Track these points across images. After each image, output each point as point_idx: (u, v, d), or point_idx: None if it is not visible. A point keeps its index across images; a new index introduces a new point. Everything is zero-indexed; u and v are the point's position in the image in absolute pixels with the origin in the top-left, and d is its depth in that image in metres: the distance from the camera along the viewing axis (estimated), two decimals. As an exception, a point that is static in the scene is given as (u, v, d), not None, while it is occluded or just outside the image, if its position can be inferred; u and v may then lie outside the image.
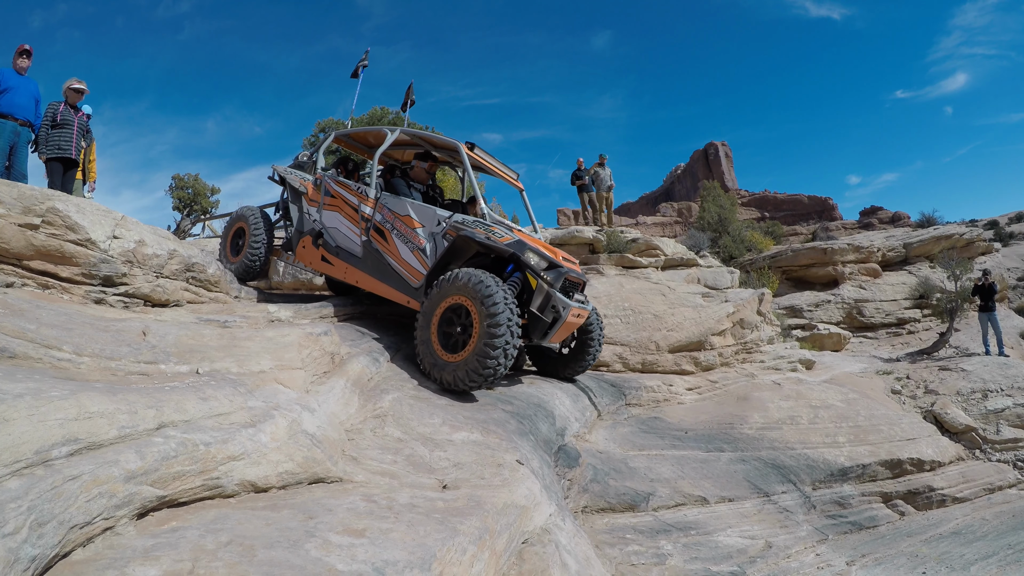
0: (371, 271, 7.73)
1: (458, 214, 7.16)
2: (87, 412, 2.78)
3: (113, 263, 5.27)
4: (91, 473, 2.46)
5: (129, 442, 2.80)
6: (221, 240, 9.33)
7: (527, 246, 6.74)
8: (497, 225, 6.98)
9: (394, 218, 7.60)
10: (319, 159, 9.23)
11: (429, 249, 7.22)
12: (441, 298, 6.42)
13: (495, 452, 4.83)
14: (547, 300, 6.75)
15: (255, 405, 3.60)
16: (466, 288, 6.19)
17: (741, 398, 10.11)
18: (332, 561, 2.53)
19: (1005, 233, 36.51)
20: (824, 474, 8.64)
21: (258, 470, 3.16)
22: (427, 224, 7.32)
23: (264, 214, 9.06)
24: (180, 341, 4.26)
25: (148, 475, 2.68)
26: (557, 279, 6.82)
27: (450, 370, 6.16)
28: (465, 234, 6.85)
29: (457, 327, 6.32)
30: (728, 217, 21.93)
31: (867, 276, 20.21)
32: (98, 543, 2.41)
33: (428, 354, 6.40)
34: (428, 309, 6.52)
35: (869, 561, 7.41)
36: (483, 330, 5.98)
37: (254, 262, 8.61)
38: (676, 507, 7.19)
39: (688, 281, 13.21)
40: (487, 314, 5.96)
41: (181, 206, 21.03)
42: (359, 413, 4.89)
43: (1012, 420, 11.16)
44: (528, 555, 3.89)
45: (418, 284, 7.21)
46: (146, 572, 2.24)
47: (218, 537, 2.56)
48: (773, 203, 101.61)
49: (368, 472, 3.85)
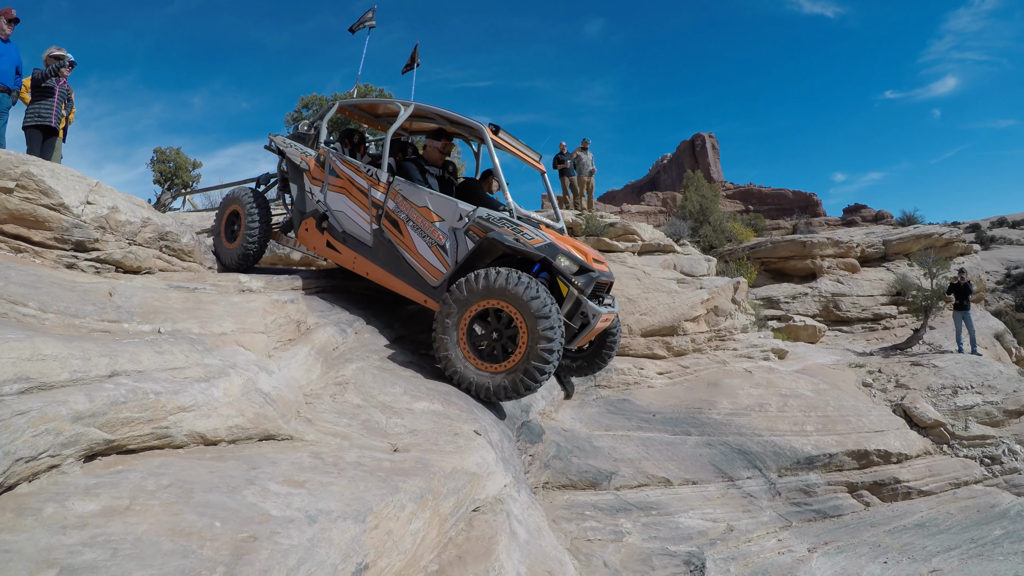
0: (383, 263, 7.20)
1: (481, 208, 6.62)
2: (40, 354, 2.89)
3: (85, 228, 5.32)
4: (39, 410, 2.58)
5: (80, 386, 2.91)
6: (215, 226, 8.74)
7: (559, 250, 6.30)
8: (525, 223, 6.52)
9: (410, 208, 7.03)
10: (322, 131, 8.43)
11: (449, 246, 6.70)
12: (471, 301, 5.99)
13: (453, 422, 4.91)
14: (577, 306, 6.37)
15: (212, 363, 3.71)
16: (505, 292, 5.80)
17: (711, 384, 10.20)
18: (267, 507, 2.65)
19: (986, 237, 36.86)
20: (790, 461, 8.72)
21: (208, 423, 3.26)
22: (447, 218, 6.77)
23: (259, 195, 8.45)
24: (145, 302, 4.35)
25: (96, 418, 2.78)
26: (588, 284, 6.40)
27: (490, 381, 5.89)
28: (493, 237, 6.37)
29: (492, 332, 5.98)
30: (710, 207, 22.05)
31: (845, 271, 20.38)
32: (43, 479, 2.52)
33: (456, 360, 6.02)
34: (453, 311, 6.07)
35: (831, 549, 7.48)
36: (533, 339, 5.67)
37: (252, 247, 8.07)
38: (639, 487, 7.27)
39: (664, 267, 13.28)
40: (538, 323, 5.66)
41: (162, 179, 20.86)
42: (320, 380, 4.97)
43: (981, 417, 11.30)
44: (478, 522, 4.00)
45: (436, 283, 6.75)
46: (85, 506, 2.36)
47: (159, 480, 2.67)
48: (758, 196, 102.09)
49: (320, 433, 3.95)
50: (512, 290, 5.75)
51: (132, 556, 2.13)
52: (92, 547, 2.13)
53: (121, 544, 2.18)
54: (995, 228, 41.19)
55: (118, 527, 2.28)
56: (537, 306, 5.65)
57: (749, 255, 20.57)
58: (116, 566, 2.06)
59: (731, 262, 19.17)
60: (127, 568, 2.06)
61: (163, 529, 2.32)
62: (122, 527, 2.28)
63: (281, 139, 8.72)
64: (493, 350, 5.96)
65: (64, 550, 2.09)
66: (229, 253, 8.21)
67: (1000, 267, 31.11)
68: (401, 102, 7.87)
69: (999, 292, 26.02)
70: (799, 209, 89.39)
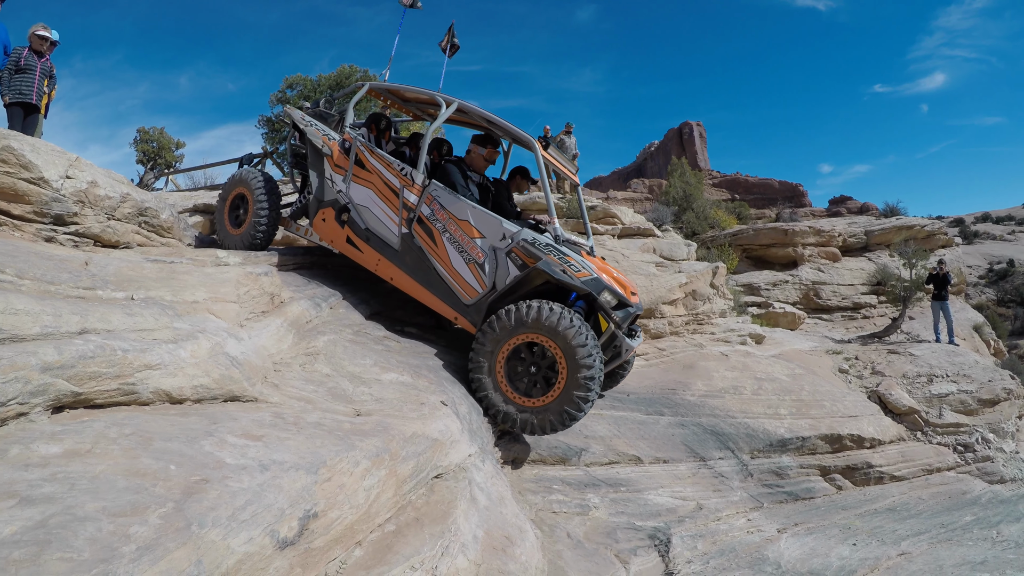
0: (411, 271, 6.83)
1: (526, 231, 6.37)
2: (13, 309, 3.05)
3: (65, 202, 5.43)
4: (9, 359, 2.74)
5: (50, 340, 3.08)
6: (217, 210, 8.17)
7: (604, 284, 6.14)
8: (570, 251, 6.29)
9: (447, 219, 6.63)
10: (348, 115, 7.80)
11: (488, 265, 6.42)
12: (510, 334, 5.90)
13: (421, 393, 5.03)
14: (611, 339, 6.34)
15: (181, 327, 3.86)
16: (544, 327, 5.73)
17: (687, 366, 10.37)
18: (222, 456, 2.82)
19: (970, 231, 37.20)
20: (763, 444, 8.87)
21: (173, 380, 3.42)
22: (489, 236, 6.45)
23: (268, 177, 7.89)
24: (120, 271, 4.48)
25: (64, 370, 2.95)
26: (625, 319, 6.36)
27: (529, 415, 5.90)
28: (541, 267, 6.13)
29: (531, 366, 5.93)
30: (693, 193, 22.19)
31: (826, 259, 20.57)
32: (11, 426, 2.69)
33: (494, 393, 6.01)
34: (491, 342, 5.99)
35: (801, 530, 7.56)
36: (573, 377, 5.66)
37: (260, 235, 7.61)
38: (609, 464, 7.35)
39: (643, 250, 13.39)
40: (579, 362, 5.63)
41: (145, 159, 20.86)
42: (292, 350, 5.10)
43: (955, 405, 11.44)
44: (439, 488, 4.17)
45: (470, 301, 6.51)
46: (49, 449, 2.53)
47: (122, 429, 2.84)
48: (744, 186, 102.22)
49: (285, 397, 4.10)
50: (555, 328, 5.68)
51: (88, 491, 2.30)
52: (52, 482, 2.30)
53: (79, 481, 2.35)
54: (979, 223, 41.54)
55: (78, 467, 2.45)
56: (573, 335, 5.62)
57: (731, 242, 20.71)
58: (71, 498, 2.23)
59: (713, 248, 19.34)
60: (81, 500, 2.23)
61: (120, 470, 2.49)
62: (81, 467, 2.45)
63: (300, 115, 8.04)
64: (535, 384, 5.92)
65: (25, 484, 2.26)
66: (234, 240, 7.74)
67: (983, 261, 31.38)
68: (443, 97, 7.31)
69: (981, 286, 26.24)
70: (785, 199, 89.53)
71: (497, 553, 4.09)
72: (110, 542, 2.07)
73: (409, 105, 8.67)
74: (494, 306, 6.37)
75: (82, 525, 2.11)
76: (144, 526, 2.18)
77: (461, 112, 7.36)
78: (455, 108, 7.16)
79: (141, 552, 2.07)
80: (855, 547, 7.28)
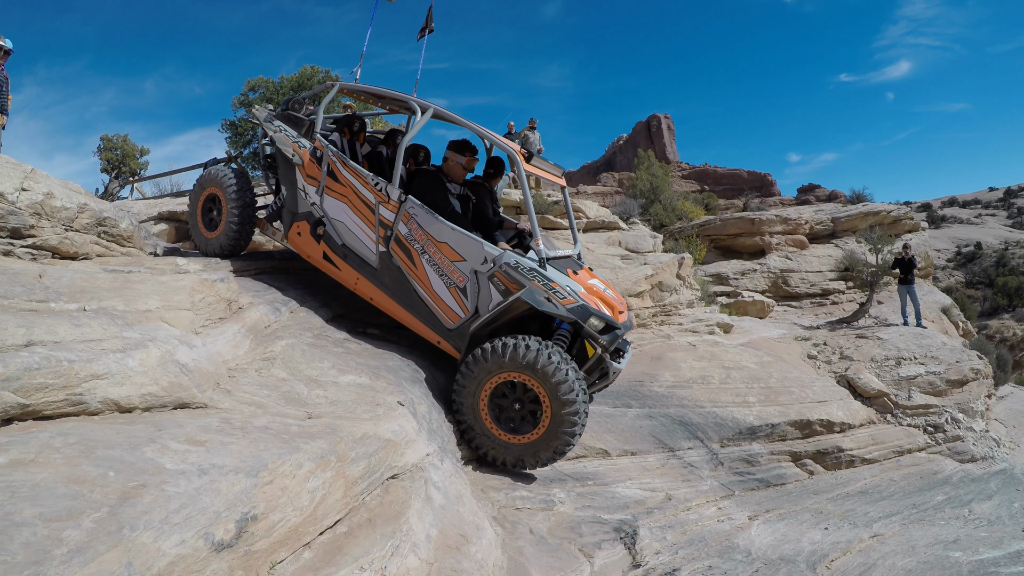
0: (391, 292, 6.62)
1: (509, 254, 6.16)
2: (-44, 324, 3.11)
3: (21, 215, 5.44)
4: (-48, 375, 2.81)
5: (-6, 353, 3.14)
6: (190, 213, 7.85)
7: (590, 312, 6.00)
8: (556, 274, 6.14)
9: (426, 240, 6.38)
10: (318, 120, 7.27)
11: (471, 290, 6.23)
12: (489, 373, 5.82)
13: (378, 394, 5.10)
14: (598, 363, 6.30)
15: (130, 336, 3.93)
16: (522, 365, 5.66)
17: (655, 358, 10.43)
18: (163, 462, 2.92)
19: (938, 216, 37.74)
20: (733, 432, 8.94)
21: (121, 390, 3.50)
22: (470, 259, 6.24)
23: (241, 174, 7.56)
24: (73, 283, 4.53)
25: (10, 382, 3.04)
26: (612, 341, 6.18)
27: (515, 452, 5.97)
28: (524, 298, 5.97)
29: (515, 402, 5.89)
30: (661, 186, 22.35)
31: (794, 247, 20.83)
32: (-44, 439, 2.76)
33: (478, 430, 6.01)
34: (472, 382, 5.91)
35: (772, 516, 7.60)
36: (558, 417, 5.66)
37: (237, 237, 7.37)
38: (576, 459, 7.31)
39: (608, 243, 13.50)
40: (563, 402, 5.61)
41: (109, 168, 20.67)
42: (248, 355, 5.17)
43: (924, 387, 11.63)
44: (394, 488, 4.23)
45: (453, 325, 6.35)
46: (-8, 460, 2.61)
47: (67, 439, 2.92)
48: (713, 177, 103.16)
49: (237, 402, 4.18)
50: (524, 361, 5.63)
51: (27, 497, 2.40)
52: (-8, 491, 2.39)
53: (20, 488, 2.45)
54: (946, 208, 42.08)
55: (20, 475, 2.55)
56: (552, 371, 5.57)
57: (699, 232, 20.90)
58: (11, 505, 2.34)
59: (681, 240, 19.53)
60: (20, 507, 2.33)
61: (61, 477, 2.58)
62: (24, 475, 2.55)
63: (267, 116, 7.64)
64: (523, 419, 5.91)
65: (-35, 492, 2.35)
66: (210, 243, 7.52)
67: (951, 245, 31.78)
68: (417, 102, 6.98)
69: (950, 269, 26.62)
70: (754, 189, 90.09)
71: (451, 551, 4.15)
72: (43, 545, 2.18)
73: (384, 101, 8.32)
74: (479, 332, 6.26)
75: (18, 530, 2.22)
76: (77, 530, 2.29)
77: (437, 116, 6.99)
78: (431, 114, 6.86)
79: (72, 554, 2.19)
80: (827, 531, 7.34)
